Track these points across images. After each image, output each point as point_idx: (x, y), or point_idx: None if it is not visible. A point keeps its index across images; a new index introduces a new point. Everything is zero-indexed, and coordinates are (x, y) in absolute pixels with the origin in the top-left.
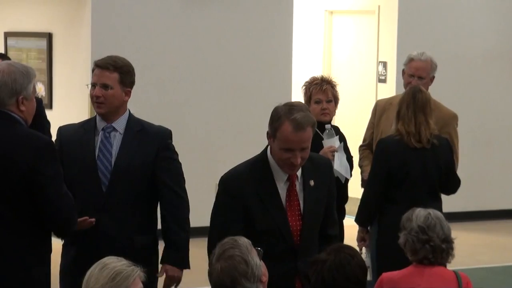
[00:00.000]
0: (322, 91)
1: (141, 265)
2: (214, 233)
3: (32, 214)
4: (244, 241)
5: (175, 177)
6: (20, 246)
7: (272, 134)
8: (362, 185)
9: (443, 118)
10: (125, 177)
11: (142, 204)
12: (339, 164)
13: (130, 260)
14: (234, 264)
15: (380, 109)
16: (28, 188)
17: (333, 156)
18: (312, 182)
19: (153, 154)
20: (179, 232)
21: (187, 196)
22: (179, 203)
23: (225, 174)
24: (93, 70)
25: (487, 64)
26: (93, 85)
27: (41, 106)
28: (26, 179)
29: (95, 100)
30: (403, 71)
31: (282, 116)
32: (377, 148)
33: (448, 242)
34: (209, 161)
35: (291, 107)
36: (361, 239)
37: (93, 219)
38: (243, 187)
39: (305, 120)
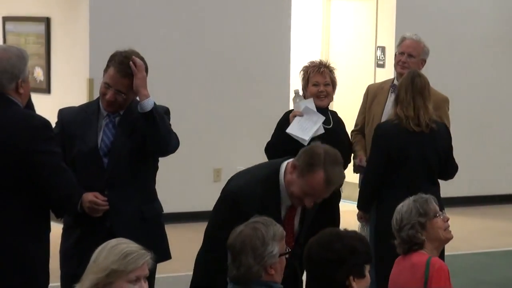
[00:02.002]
0: (320, 73)
1: (150, 236)
2: (210, 242)
3: (29, 194)
4: (278, 229)
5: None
6: (16, 226)
7: (301, 171)
8: (354, 170)
9: (435, 101)
10: (122, 156)
11: (143, 176)
12: (295, 127)
13: (140, 231)
14: (252, 235)
15: (371, 94)
16: (26, 167)
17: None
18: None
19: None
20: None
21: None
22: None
23: (236, 187)
24: (108, 65)
25: (485, 48)
26: (107, 85)
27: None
28: (24, 158)
29: (105, 100)
30: (395, 55)
31: (319, 165)
32: (376, 132)
33: (399, 230)
34: (206, 148)
35: (334, 158)
36: (360, 217)
37: (106, 205)
38: (252, 206)
39: (337, 180)
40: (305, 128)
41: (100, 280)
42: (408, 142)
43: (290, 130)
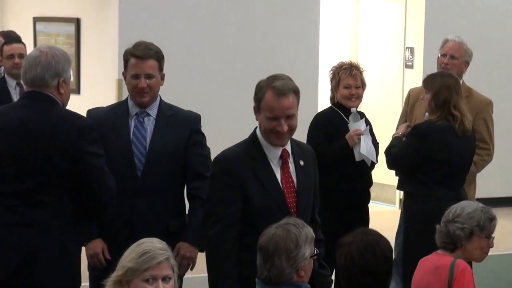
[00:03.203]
0: (352, 76)
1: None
2: (212, 212)
3: (75, 193)
4: (309, 231)
5: (204, 161)
6: (64, 224)
7: (257, 106)
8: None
9: (479, 104)
10: (159, 161)
11: (175, 188)
12: (365, 147)
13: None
14: (285, 237)
15: (413, 97)
16: (74, 167)
17: (359, 139)
18: (301, 162)
19: (185, 139)
20: (201, 214)
21: None
22: (205, 187)
23: (220, 154)
24: (126, 60)
25: None
26: (136, 76)
27: None
28: (73, 158)
29: (140, 91)
30: (438, 58)
31: (264, 86)
32: (417, 130)
33: (450, 222)
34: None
35: (272, 77)
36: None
37: (103, 265)
38: (240, 166)
39: (286, 87)
40: (369, 148)
41: (120, 278)
42: (452, 144)
43: (362, 151)
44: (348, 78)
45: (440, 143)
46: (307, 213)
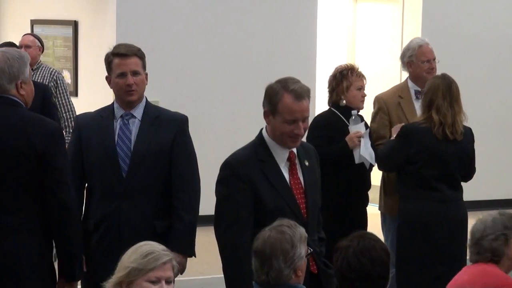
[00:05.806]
0: (361, 78)
1: None
2: (225, 216)
3: (41, 198)
4: (302, 231)
5: (188, 163)
6: (37, 228)
7: (271, 110)
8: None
9: None
10: (144, 162)
11: (161, 189)
12: (364, 149)
13: None
14: (281, 239)
15: (392, 104)
16: (39, 171)
17: (359, 141)
18: (306, 163)
19: (170, 139)
20: (186, 219)
21: (198, 184)
22: (188, 190)
23: (229, 158)
24: (109, 63)
25: (511, 51)
26: (122, 74)
27: (48, 92)
28: (38, 162)
29: (128, 89)
30: (410, 63)
31: (280, 90)
32: (402, 131)
33: (481, 239)
34: (229, 150)
35: (285, 80)
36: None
37: None
38: (250, 169)
39: (303, 90)
40: (368, 151)
41: (122, 279)
42: (433, 148)
43: (362, 153)
44: (360, 80)
45: (420, 145)
46: (315, 213)
